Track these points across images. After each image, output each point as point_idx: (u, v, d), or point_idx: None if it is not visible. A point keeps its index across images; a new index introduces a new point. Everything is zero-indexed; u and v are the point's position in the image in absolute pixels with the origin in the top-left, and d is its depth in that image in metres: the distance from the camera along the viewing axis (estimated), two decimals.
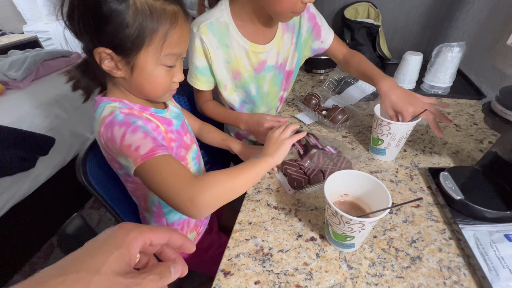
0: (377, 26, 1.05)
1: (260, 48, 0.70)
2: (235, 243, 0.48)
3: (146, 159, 0.40)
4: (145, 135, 0.42)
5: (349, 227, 0.38)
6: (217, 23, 0.63)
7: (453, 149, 0.66)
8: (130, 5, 0.37)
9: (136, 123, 0.43)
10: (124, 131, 0.42)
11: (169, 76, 0.46)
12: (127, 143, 0.41)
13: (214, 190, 0.40)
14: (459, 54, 0.84)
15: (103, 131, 0.43)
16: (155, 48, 0.41)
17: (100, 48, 0.39)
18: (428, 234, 0.47)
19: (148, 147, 0.41)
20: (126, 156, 0.42)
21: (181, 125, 0.57)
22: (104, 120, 0.43)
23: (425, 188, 0.56)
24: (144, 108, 0.49)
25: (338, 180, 0.44)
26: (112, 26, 0.38)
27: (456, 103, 0.86)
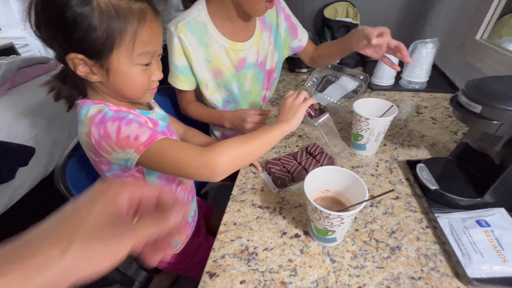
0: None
1: (239, 46, 0.70)
2: (221, 244, 0.48)
3: (149, 144, 0.42)
4: (140, 125, 0.43)
5: (329, 221, 0.39)
6: (194, 22, 0.63)
7: (430, 142, 0.69)
8: (94, 7, 0.37)
9: (128, 117, 0.43)
10: (119, 124, 0.42)
11: (146, 75, 0.46)
12: (125, 135, 0.41)
13: (227, 154, 0.43)
14: (433, 50, 0.87)
15: (94, 130, 0.43)
16: (126, 49, 0.41)
17: (71, 54, 0.39)
18: (407, 224, 0.49)
19: (147, 134, 0.42)
20: (125, 148, 0.42)
21: (167, 126, 0.57)
22: (94, 118, 0.43)
23: (404, 180, 0.58)
24: (129, 110, 0.48)
25: (319, 176, 0.45)
26: (79, 31, 0.37)
27: (432, 97, 0.90)
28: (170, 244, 0.24)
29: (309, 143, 0.71)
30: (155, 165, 0.45)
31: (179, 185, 0.60)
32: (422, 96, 0.91)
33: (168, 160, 0.43)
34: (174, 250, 0.68)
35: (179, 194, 0.62)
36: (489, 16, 0.77)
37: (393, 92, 0.95)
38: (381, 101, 0.63)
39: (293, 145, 0.72)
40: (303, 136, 0.75)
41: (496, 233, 0.42)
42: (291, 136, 0.75)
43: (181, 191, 0.62)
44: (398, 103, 0.89)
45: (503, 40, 0.80)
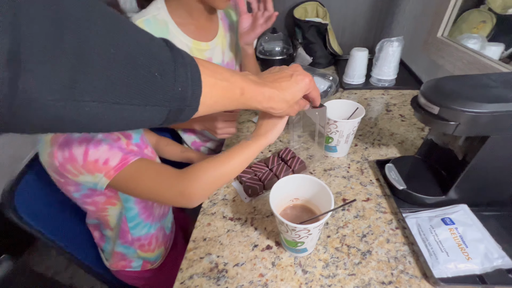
0: (325, 24, 1.08)
1: (203, 46, 0.68)
2: (189, 263, 0.45)
3: (119, 170, 0.39)
4: (110, 147, 0.40)
5: (296, 234, 0.38)
6: (154, 20, 0.60)
7: (399, 139, 0.70)
8: None
9: (96, 137, 0.40)
10: (86, 147, 0.38)
11: None
12: (93, 158, 0.38)
13: (203, 179, 0.41)
14: (398, 48, 0.89)
15: (57, 152, 0.39)
16: None
17: None
18: (377, 226, 0.49)
19: (118, 157, 0.39)
20: (93, 172, 0.39)
21: (140, 138, 0.54)
22: (57, 139, 0.39)
23: (374, 181, 0.58)
24: None
25: (287, 185, 0.44)
26: None
27: (401, 94, 0.92)
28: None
29: (281, 147, 0.70)
30: (127, 190, 0.42)
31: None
32: (391, 94, 0.93)
33: (141, 186, 0.41)
34: (154, 265, 0.65)
35: (155, 209, 0.58)
36: (448, 14, 0.80)
37: (364, 91, 0.96)
38: (349, 102, 0.63)
39: (265, 150, 0.70)
40: (276, 140, 0.74)
41: (460, 230, 0.43)
42: None
43: (157, 206, 0.59)
44: (369, 101, 0.90)
45: (463, 37, 0.83)
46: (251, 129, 0.79)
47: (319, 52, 1.13)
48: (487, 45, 0.73)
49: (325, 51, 1.15)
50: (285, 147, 0.64)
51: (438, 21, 0.83)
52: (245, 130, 0.79)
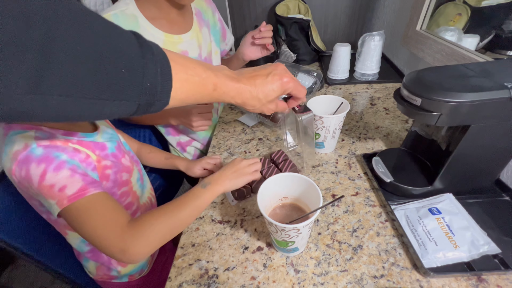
0: (307, 21, 1.08)
1: (176, 38, 0.66)
2: (178, 271, 0.44)
3: (73, 200, 0.35)
4: (72, 172, 0.37)
5: (286, 234, 0.37)
6: (122, 15, 0.57)
7: (384, 132, 0.71)
8: None
9: (59, 158, 0.36)
10: (45, 168, 0.35)
11: None
12: (49, 183, 0.35)
13: (147, 237, 0.38)
14: (380, 42, 0.90)
15: (15, 169, 0.36)
16: None
17: None
18: (367, 220, 0.49)
19: (77, 186, 0.36)
20: (46, 198, 0.36)
21: (116, 147, 0.50)
22: (17, 155, 0.36)
23: (362, 175, 0.58)
24: (68, 133, 0.41)
25: (275, 184, 0.43)
26: None
27: (384, 87, 0.93)
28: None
29: (271, 149, 0.69)
30: (73, 224, 0.38)
31: (137, 210, 0.55)
32: (375, 87, 0.94)
33: (86, 228, 0.37)
34: (143, 273, 0.62)
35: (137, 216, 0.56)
36: (426, 7, 0.81)
37: (348, 86, 0.97)
38: (334, 97, 0.63)
39: (253, 149, 0.69)
40: (263, 139, 0.73)
41: (446, 219, 0.43)
42: (251, 140, 0.72)
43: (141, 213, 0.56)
44: (354, 96, 0.90)
45: (440, 30, 0.85)
46: (237, 128, 0.78)
47: (303, 49, 1.13)
48: (464, 37, 0.75)
49: (309, 48, 1.15)
50: (279, 150, 0.63)
51: (417, 15, 0.84)
52: (231, 130, 0.78)
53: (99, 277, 0.59)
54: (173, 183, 0.95)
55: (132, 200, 0.53)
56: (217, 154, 0.69)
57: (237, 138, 0.74)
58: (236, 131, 0.77)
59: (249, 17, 1.29)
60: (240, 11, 1.28)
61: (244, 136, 0.75)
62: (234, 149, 0.70)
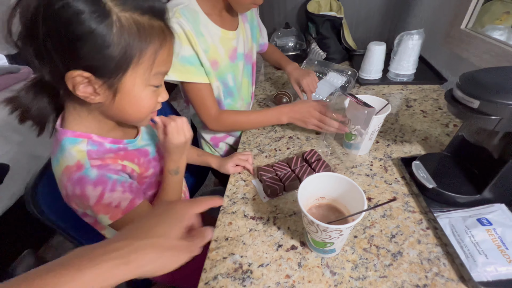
0: (340, 18, 1.06)
1: (231, 35, 0.68)
2: (212, 263, 0.44)
3: (126, 212, 0.40)
4: (124, 189, 0.41)
5: (327, 234, 0.36)
6: (187, 9, 0.59)
7: (422, 136, 0.67)
8: (114, 21, 0.32)
9: (112, 179, 0.40)
10: (102, 191, 0.38)
11: (155, 97, 0.41)
12: (106, 202, 0.39)
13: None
14: (419, 41, 0.86)
15: (67, 186, 0.38)
16: (143, 68, 0.36)
17: (74, 71, 0.32)
18: (406, 226, 0.47)
19: (128, 200, 0.41)
20: (99, 213, 0.39)
21: (157, 150, 0.53)
22: (71, 173, 0.38)
23: (400, 179, 0.56)
24: (115, 141, 0.44)
25: (313, 184, 0.42)
26: (91, 46, 0.31)
27: (421, 89, 0.89)
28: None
29: (301, 147, 0.69)
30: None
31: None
32: (410, 89, 0.90)
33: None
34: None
35: None
36: (474, 4, 0.76)
37: (381, 86, 0.93)
38: (374, 98, 0.60)
39: (283, 148, 0.69)
40: (294, 137, 0.72)
41: (498, 231, 0.40)
42: (281, 138, 0.72)
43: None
44: (388, 97, 0.87)
45: (486, 29, 0.79)
46: (266, 126, 0.78)
47: (333, 47, 1.11)
48: None
49: (339, 46, 1.12)
50: (311, 149, 0.62)
51: (462, 13, 0.79)
52: (260, 127, 0.77)
53: None
54: (199, 177, 0.96)
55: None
56: (248, 151, 0.69)
57: (266, 135, 0.74)
58: (266, 128, 0.77)
59: (278, 14, 1.28)
60: (269, 8, 1.27)
61: (273, 134, 0.74)
62: (264, 146, 0.70)
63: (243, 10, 0.66)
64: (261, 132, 0.75)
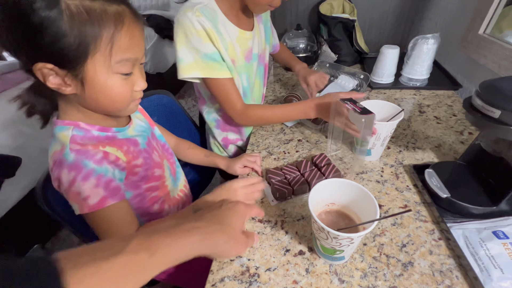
0: (353, 21, 1.04)
1: (248, 35, 0.68)
2: (219, 265, 0.44)
3: (92, 210, 0.39)
4: (97, 182, 0.39)
5: (338, 242, 0.36)
6: (206, 8, 0.59)
7: (435, 143, 0.66)
8: (63, 10, 0.32)
9: (88, 167, 0.39)
10: (74, 177, 0.38)
11: (128, 85, 0.41)
12: (76, 190, 0.38)
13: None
14: (434, 45, 0.84)
15: (53, 168, 0.40)
16: (102, 56, 0.36)
17: (39, 63, 0.34)
18: (418, 236, 0.46)
19: (98, 197, 0.39)
20: (71, 200, 0.40)
21: (147, 143, 0.52)
22: (55, 156, 0.39)
23: (411, 187, 0.55)
24: (103, 129, 0.44)
25: (324, 190, 0.41)
26: (46, 37, 0.32)
27: (434, 94, 0.87)
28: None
29: (310, 151, 0.68)
30: (91, 226, 0.42)
31: (164, 203, 0.56)
32: (423, 94, 0.88)
33: (100, 233, 0.42)
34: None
35: (172, 209, 0.58)
36: (493, 9, 0.74)
37: (393, 90, 0.92)
38: (387, 103, 0.59)
39: (292, 150, 0.68)
40: (303, 140, 0.71)
41: None
42: (290, 141, 0.71)
43: (171, 207, 0.58)
44: (400, 101, 0.85)
45: (505, 34, 0.77)
46: (276, 128, 0.77)
47: (345, 50, 1.09)
48: None
49: (351, 49, 1.11)
50: (320, 153, 0.61)
51: (480, 17, 0.77)
52: (269, 129, 0.77)
53: None
54: (206, 176, 0.97)
55: (160, 194, 0.54)
56: (256, 152, 0.68)
57: (275, 137, 0.74)
58: (275, 130, 0.77)
59: (290, 15, 1.27)
60: (281, 9, 1.26)
61: (283, 136, 0.74)
62: (273, 148, 0.70)
63: (259, 12, 0.66)
64: (270, 134, 0.75)
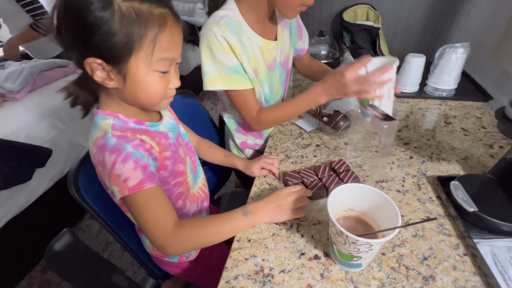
0: (377, 28, 1.03)
1: (272, 45, 0.69)
2: (234, 263, 0.45)
3: (133, 191, 0.41)
4: (135, 165, 0.41)
5: (356, 247, 0.35)
6: (231, 21, 0.61)
7: (462, 155, 0.63)
8: (115, 11, 0.35)
9: (127, 150, 0.41)
10: (115, 158, 0.40)
11: (163, 83, 0.44)
12: (117, 172, 0.40)
13: (184, 244, 0.45)
14: (463, 55, 0.81)
15: (96, 153, 0.42)
16: (145, 54, 0.39)
17: (89, 58, 0.37)
18: (441, 250, 0.44)
19: (137, 179, 0.41)
20: (112, 184, 0.41)
21: (176, 138, 0.55)
22: (97, 141, 0.42)
23: (435, 199, 0.53)
24: (139, 122, 0.47)
25: (343, 194, 0.41)
26: (99, 35, 0.36)
27: (462, 105, 0.83)
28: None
29: (329, 156, 0.67)
30: (130, 211, 0.44)
31: (186, 199, 0.58)
32: (450, 105, 0.85)
33: (139, 217, 0.43)
34: (190, 257, 0.66)
35: (191, 206, 0.59)
36: None
37: (417, 100, 0.89)
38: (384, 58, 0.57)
39: (310, 155, 0.68)
40: (321, 146, 0.71)
41: None
42: (308, 146, 0.71)
43: (191, 204, 0.59)
44: (424, 111, 0.83)
45: None
46: (294, 132, 0.78)
47: None
48: None
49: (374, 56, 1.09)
50: (339, 159, 0.61)
51: None
52: (287, 133, 0.77)
53: (154, 252, 0.64)
54: (222, 176, 0.98)
55: (183, 190, 0.56)
56: (274, 155, 0.69)
57: (293, 141, 0.74)
58: (293, 134, 0.77)
59: (312, 22, 1.28)
60: (304, 15, 1.27)
61: (301, 141, 0.74)
62: (290, 152, 0.70)
63: (293, 15, 0.63)
64: (288, 138, 0.75)
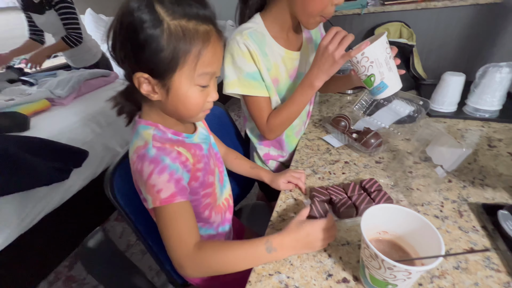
0: (411, 46, 1.00)
1: (295, 55, 0.71)
2: (257, 277, 0.44)
3: (163, 203, 0.42)
4: (170, 177, 0.43)
5: (392, 274, 0.33)
6: (255, 32, 0.65)
7: (510, 182, 0.58)
8: (165, 29, 0.38)
9: (164, 162, 0.43)
10: (152, 169, 0.42)
11: (203, 96, 0.46)
12: (152, 182, 0.42)
13: (202, 268, 0.43)
14: (509, 75, 0.76)
15: (136, 161, 0.44)
16: (188, 69, 0.41)
17: (138, 73, 0.40)
18: (488, 286, 0.39)
19: (169, 192, 0.42)
20: (147, 192, 0.43)
21: (208, 149, 0.56)
22: (139, 150, 0.44)
23: (479, 228, 0.48)
24: (176, 133, 0.49)
25: (377, 215, 0.39)
26: (148, 51, 0.39)
27: (508, 128, 0.77)
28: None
29: (358, 174, 0.65)
30: (157, 222, 0.44)
31: (212, 210, 0.58)
32: (494, 127, 0.78)
33: (164, 230, 0.43)
34: None
35: (216, 217, 0.59)
36: None
37: (455, 120, 0.84)
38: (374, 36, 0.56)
39: (338, 172, 0.66)
40: (350, 163, 0.69)
41: None
42: (336, 162, 0.69)
43: (216, 214, 0.59)
44: (463, 133, 0.78)
45: None
46: (321, 147, 0.76)
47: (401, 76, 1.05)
48: None
49: (407, 74, 1.06)
50: (370, 177, 0.58)
51: None
52: (315, 148, 0.76)
53: None
54: (245, 188, 0.98)
55: (211, 201, 0.56)
56: (301, 169, 0.68)
57: (321, 157, 0.72)
58: (320, 150, 0.76)
59: None
60: None
61: (328, 156, 0.72)
62: (318, 167, 0.68)
63: (314, 26, 0.64)
64: (315, 153, 0.74)
